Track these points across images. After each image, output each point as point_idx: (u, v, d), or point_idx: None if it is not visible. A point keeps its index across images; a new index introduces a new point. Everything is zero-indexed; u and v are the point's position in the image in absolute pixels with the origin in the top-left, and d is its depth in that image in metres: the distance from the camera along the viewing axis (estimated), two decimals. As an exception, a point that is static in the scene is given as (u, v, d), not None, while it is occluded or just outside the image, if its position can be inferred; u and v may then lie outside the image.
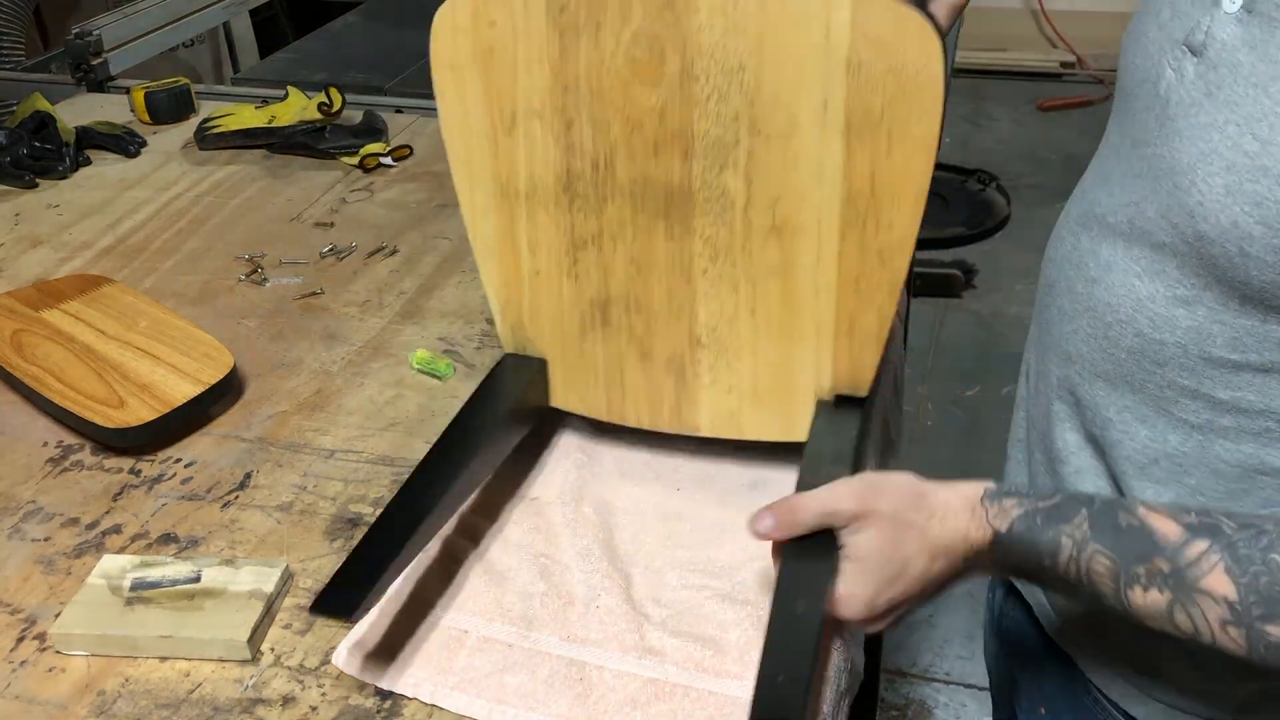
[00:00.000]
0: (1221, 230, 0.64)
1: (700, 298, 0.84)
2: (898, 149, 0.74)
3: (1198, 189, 0.65)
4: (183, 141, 1.56)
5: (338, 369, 1.07)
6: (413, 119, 1.63)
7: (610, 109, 0.79)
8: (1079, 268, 0.78)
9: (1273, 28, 0.62)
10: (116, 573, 0.81)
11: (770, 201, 0.79)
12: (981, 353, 2.86)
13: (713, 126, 0.78)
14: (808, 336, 0.83)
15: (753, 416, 0.88)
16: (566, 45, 0.78)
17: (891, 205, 0.76)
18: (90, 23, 1.83)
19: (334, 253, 1.27)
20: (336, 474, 0.94)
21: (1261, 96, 0.62)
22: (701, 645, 0.76)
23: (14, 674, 0.76)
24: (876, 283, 0.79)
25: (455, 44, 0.81)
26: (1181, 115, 0.67)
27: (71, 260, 1.27)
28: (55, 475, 0.94)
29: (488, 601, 0.80)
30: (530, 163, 0.83)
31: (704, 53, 0.76)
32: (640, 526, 0.87)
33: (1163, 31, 0.72)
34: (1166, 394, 0.72)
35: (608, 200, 0.83)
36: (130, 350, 1.03)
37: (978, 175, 3.64)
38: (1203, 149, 0.65)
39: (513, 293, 0.90)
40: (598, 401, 0.92)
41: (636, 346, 0.88)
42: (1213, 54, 0.66)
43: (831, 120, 0.75)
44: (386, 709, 0.73)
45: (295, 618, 0.80)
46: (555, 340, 0.90)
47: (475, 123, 0.83)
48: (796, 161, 0.77)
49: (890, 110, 0.73)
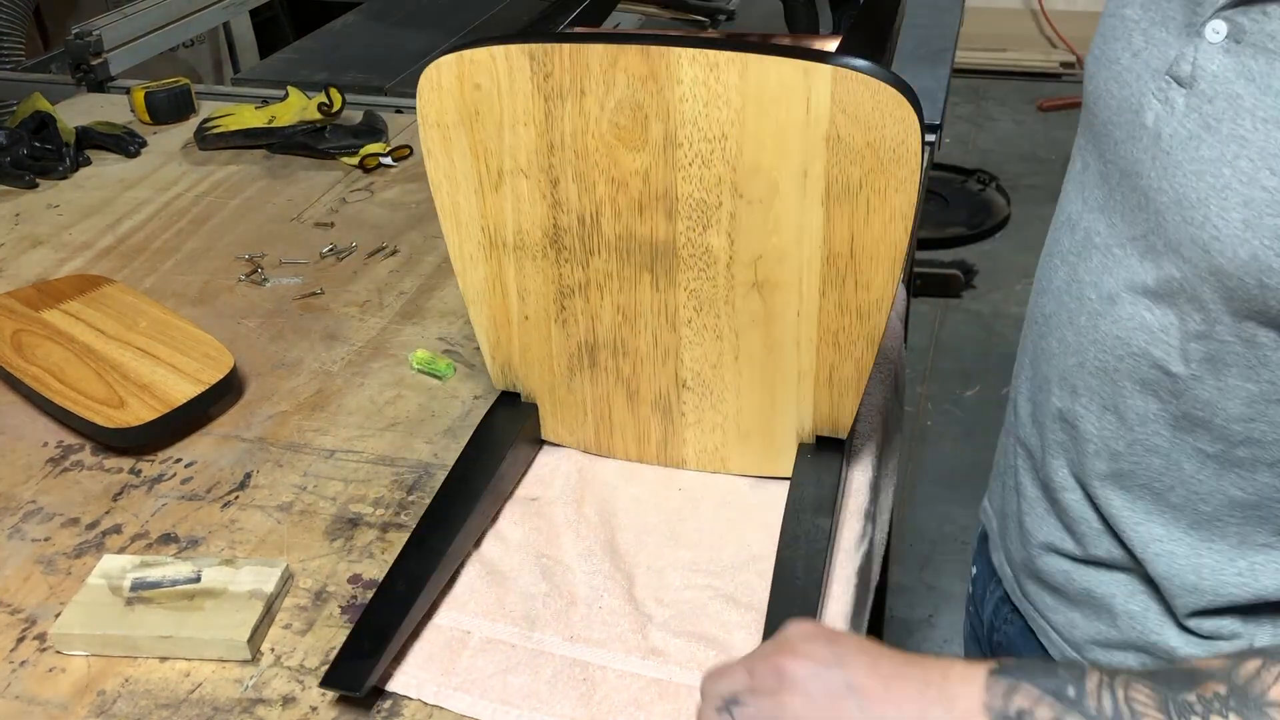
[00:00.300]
0: (1240, 264, 0.64)
1: (685, 344, 0.86)
2: (876, 217, 0.76)
3: (1212, 224, 0.65)
4: (183, 141, 1.56)
5: (338, 369, 1.07)
6: (413, 119, 1.63)
7: (595, 170, 0.80)
8: (1080, 300, 0.78)
9: (1271, 60, 0.62)
10: (116, 573, 0.81)
11: (752, 259, 0.80)
12: (981, 353, 2.86)
13: (695, 189, 0.79)
14: (789, 383, 0.85)
15: (737, 454, 0.91)
16: (551, 109, 0.79)
17: (870, 267, 0.78)
18: (90, 23, 1.83)
19: (334, 253, 1.27)
20: (337, 474, 0.94)
21: (1275, 131, 0.62)
22: (705, 645, 0.76)
23: (14, 674, 0.76)
24: (855, 337, 0.81)
25: (441, 105, 0.81)
26: (1179, 149, 0.67)
27: (71, 260, 1.27)
28: (55, 475, 0.95)
29: (490, 602, 0.80)
30: (517, 217, 0.84)
31: (687, 121, 0.76)
32: (642, 527, 0.87)
33: (1138, 59, 0.71)
34: (1181, 425, 0.72)
35: (594, 254, 0.84)
36: (130, 350, 1.03)
37: (978, 175, 3.64)
38: (1213, 183, 0.65)
39: (502, 335, 0.91)
40: (586, 436, 0.94)
41: (624, 387, 0.90)
42: (1205, 86, 0.66)
43: (811, 188, 0.76)
44: (386, 709, 0.73)
45: (295, 618, 0.80)
46: (544, 380, 0.92)
47: (462, 178, 0.84)
48: (778, 224, 0.78)
49: (869, 181, 0.75)
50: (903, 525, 2.29)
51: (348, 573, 0.84)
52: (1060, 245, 0.82)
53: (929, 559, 2.26)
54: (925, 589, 2.20)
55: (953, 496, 2.36)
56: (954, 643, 2.07)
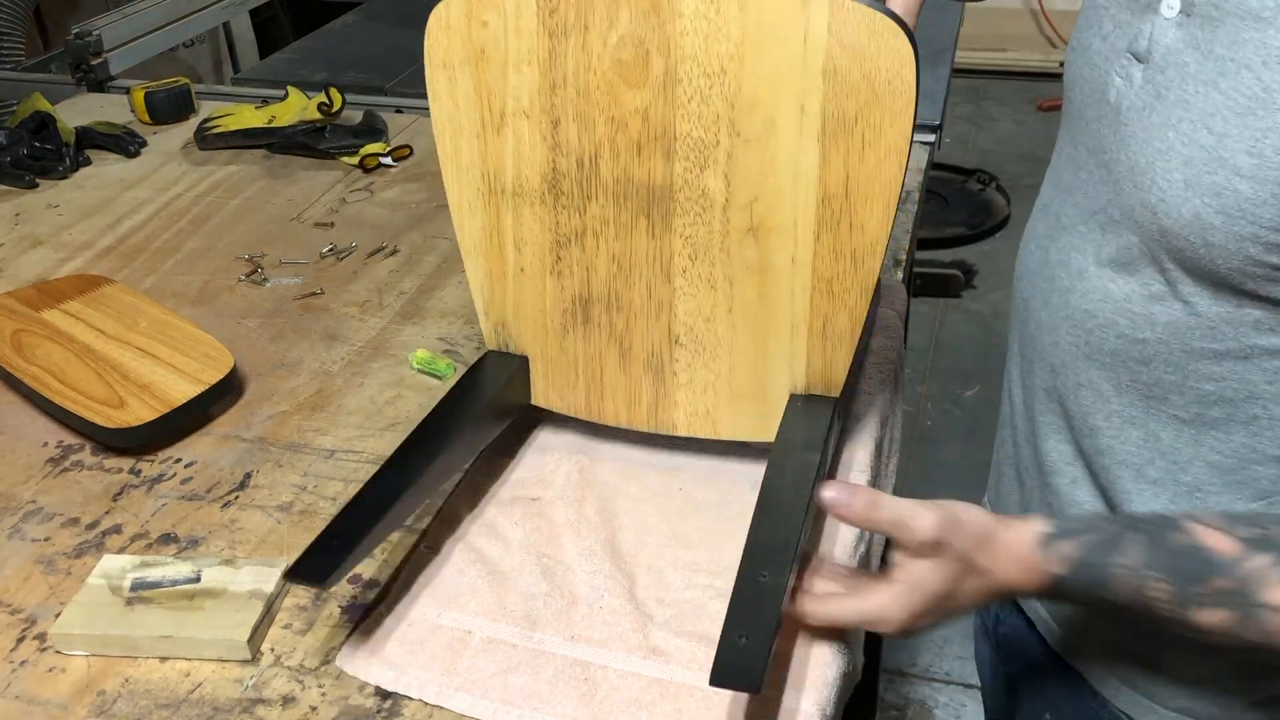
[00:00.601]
0: (1184, 223, 0.66)
1: (679, 296, 0.86)
2: (870, 152, 0.77)
3: (1158, 185, 0.67)
4: (183, 141, 1.56)
5: (338, 369, 1.07)
6: (413, 119, 1.63)
7: (596, 109, 0.82)
8: (1051, 280, 0.80)
9: (1214, 27, 0.64)
10: (116, 573, 0.81)
11: (748, 201, 0.81)
12: (981, 353, 2.86)
13: (694, 128, 0.80)
14: (783, 335, 0.85)
15: (728, 416, 0.90)
16: (555, 46, 0.80)
17: (864, 208, 0.79)
18: (90, 23, 1.83)
19: (334, 253, 1.27)
20: (336, 474, 0.94)
21: (1212, 92, 0.64)
22: (706, 645, 0.76)
23: (14, 674, 0.76)
24: (849, 285, 0.82)
25: (448, 44, 0.83)
26: (1135, 119, 0.69)
27: (71, 260, 1.27)
28: (55, 475, 0.95)
29: (491, 602, 0.80)
30: (517, 161, 0.85)
31: (687, 56, 0.78)
32: (643, 527, 0.87)
33: (1106, 42, 0.74)
34: (1154, 392, 0.73)
35: (591, 198, 0.85)
36: (130, 350, 1.03)
37: (978, 175, 3.64)
38: (1159, 147, 0.67)
39: (497, 290, 0.92)
40: (577, 399, 0.94)
41: (616, 344, 0.90)
42: (1158, 58, 0.68)
43: (808, 124, 0.77)
44: (387, 709, 0.73)
45: (295, 618, 0.80)
46: (537, 338, 0.92)
47: (465, 121, 0.86)
48: (774, 163, 0.79)
49: (864, 115, 0.76)
50: (903, 525, 2.29)
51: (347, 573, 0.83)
52: (1035, 230, 0.84)
53: (929, 559, 2.26)
54: (925, 589, 2.19)
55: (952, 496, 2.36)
56: (954, 642, 2.07)
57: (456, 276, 1.22)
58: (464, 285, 1.20)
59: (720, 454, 0.94)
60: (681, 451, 0.94)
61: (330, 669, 0.76)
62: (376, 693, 0.74)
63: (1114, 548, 0.66)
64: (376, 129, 1.51)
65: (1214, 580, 0.63)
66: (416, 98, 1.71)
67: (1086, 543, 0.67)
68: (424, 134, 1.58)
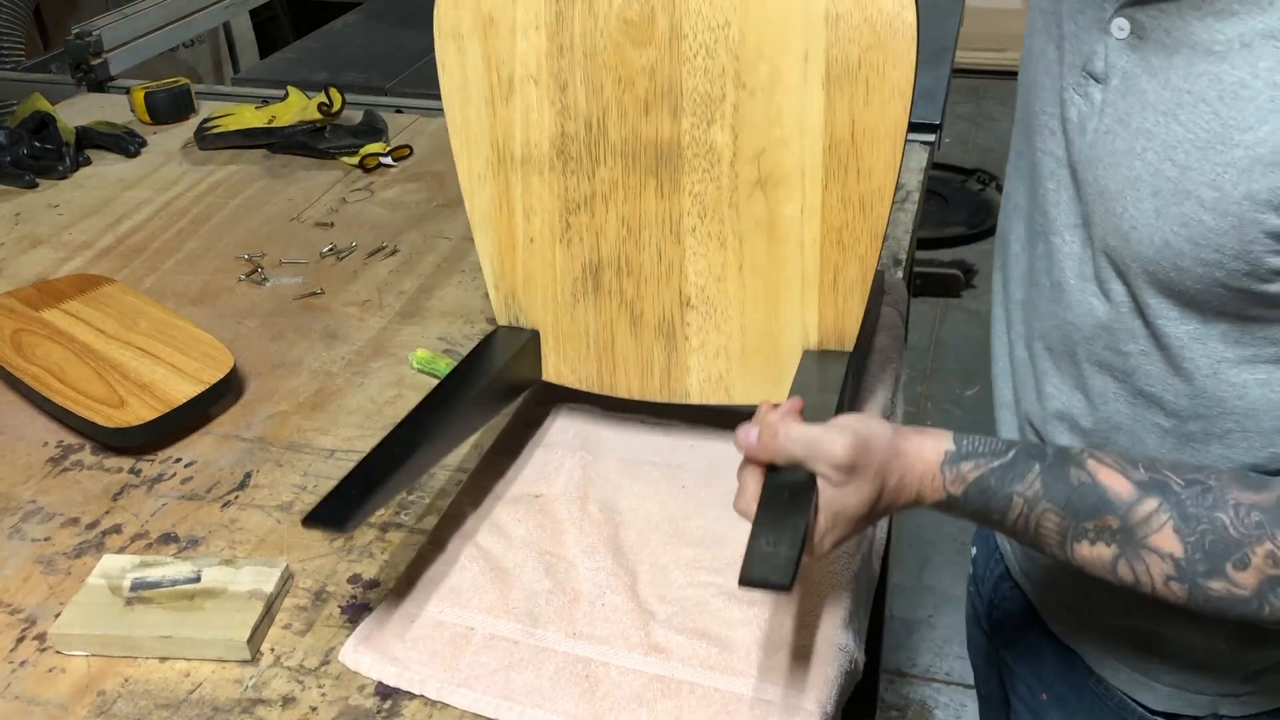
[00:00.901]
0: (1155, 250, 0.67)
1: (689, 256, 0.87)
2: (875, 96, 0.78)
3: (1130, 214, 0.68)
4: (183, 141, 1.56)
5: (338, 369, 1.07)
6: (413, 119, 1.63)
7: (603, 70, 0.83)
8: (1038, 287, 0.81)
9: (1168, 55, 0.65)
10: (116, 573, 0.81)
11: (755, 154, 0.82)
12: (981, 353, 2.85)
13: (700, 82, 0.82)
14: (793, 290, 0.86)
15: (740, 379, 0.90)
16: (562, 10, 0.82)
17: (871, 152, 0.80)
18: (90, 23, 1.83)
19: (334, 253, 1.27)
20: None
21: (1173, 124, 0.65)
22: (707, 642, 0.76)
23: (14, 674, 0.76)
24: (858, 233, 0.82)
25: (457, 13, 0.85)
26: (1100, 143, 0.71)
27: (71, 260, 1.27)
28: (55, 475, 0.94)
29: (494, 599, 0.80)
30: (526, 128, 0.87)
31: (691, 11, 0.80)
32: (645, 524, 0.87)
33: (1059, 50, 0.74)
34: (1136, 401, 0.75)
35: (600, 162, 0.86)
36: (130, 350, 1.03)
37: (978, 175, 3.64)
38: (1128, 175, 0.68)
39: (507, 262, 0.92)
40: (589, 372, 0.94)
41: (627, 311, 0.91)
42: (1117, 82, 0.69)
43: (812, 71, 0.79)
44: (387, 709, 0.73)
45: (295, 618, 0.80)
46: (548, 309, 0.93)
47: (474, 90, 0.87)
48: (780, 113, 0.81)
49: (867, 59, 0.77)
50: (903, 525, 2.29)
51: (347, 573, 0.83)
52: (1017, 232, 0.85)
53: (929, 559, 2.26)
54: (925, 589, 2.19)
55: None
56: (954, 642, 2.07)
57: (456, 276, 1.22)
58: (464, 285, 1.20)
59: (722, 452, 0.93)
60: (684, 450, 0.94)
61: (330, 669, 0.75)
62: (376, 693, 0.74)
63: (1012, 474, 0.67)
64: (376, 129, 1.51)
65: (1105, 518, 0.65)
66: (416, 98, 1.71)
67: (985, 466, 0.67)
68: (424, 134, 1.58)
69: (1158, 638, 0.81)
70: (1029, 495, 0.66)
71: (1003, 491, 0.67)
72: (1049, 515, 0.66)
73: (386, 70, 1.87)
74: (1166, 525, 0.63)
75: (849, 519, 0.68)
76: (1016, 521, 0.67)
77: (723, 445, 0.94)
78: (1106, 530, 0.65)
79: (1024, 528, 0.67)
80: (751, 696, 0.72)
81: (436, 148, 1.53)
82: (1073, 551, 0.67)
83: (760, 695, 0.72)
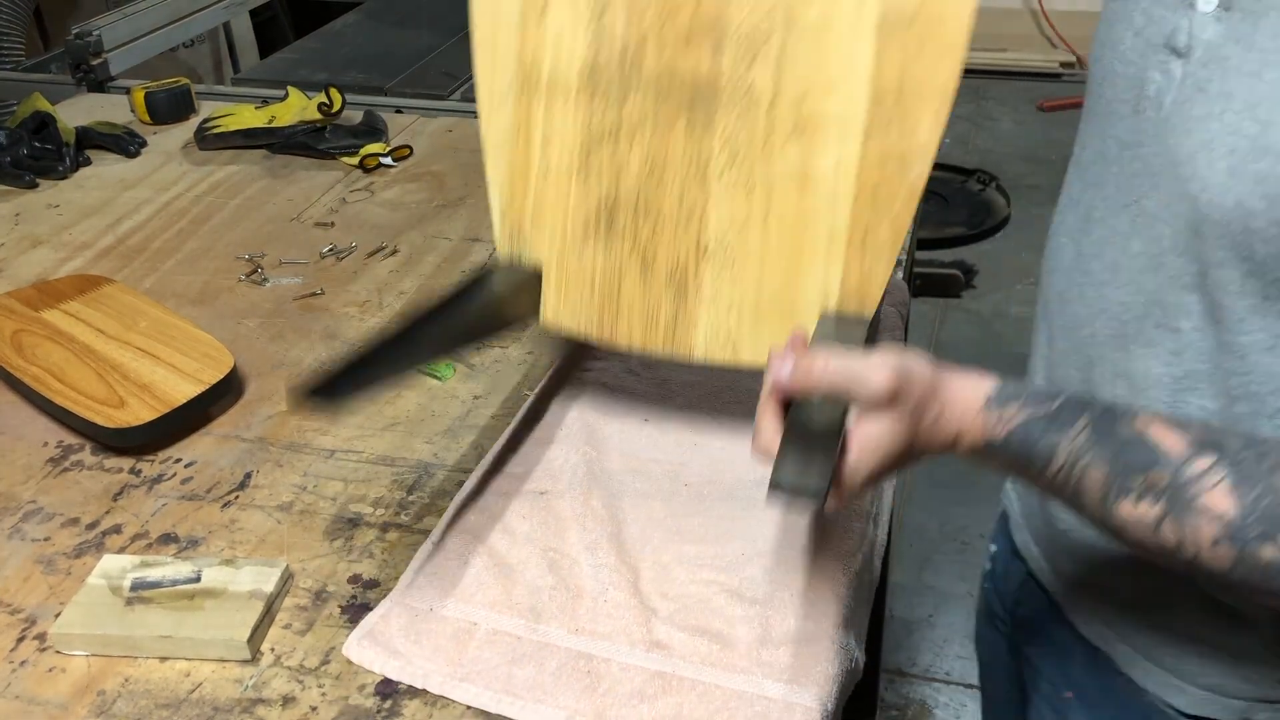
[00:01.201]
0: (1226, 211, 0.66)
1: (713, 202, 0.83)
2: (928, 49, 0.74)
3: (1199, 176, 0.67)
4: (183, 141, 1.56)
5: (338, 369, 1.07)
6: (413, 119, 1.63)
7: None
8: (1087, 274, 0.79)
9: (1255, 20, 0.66)
10: (116, 573, 0.81)
11: (797, 99, 0.78)
12: (981, 353, 2.86)
13: (749, 17, 0.77)
14: (819, 247, 0.81)
15: (750, 338, 0.85)
16: None
17: (917, 107, 0.76)
18: (90, 23, 1.83)
19: (334, 253, 1.27)
20: (336, 474, 0.94)
21: (1257, 83, 0.65)
22: (709, 639, 0.76)
23: (14, 674, 0.76)
24: (895, 191, 0.78)
25: None
26: (1176, 114, 0.70)
27: (71, 260, 1.27)
28: (55, 475, 0.94)
29: (496, 594, 0.80)
30: (556, 50, 0.83)
31: None
32: (648, 521, 0.87)
33: (1140, 37, 0.74)
34: (1184, 384, 0.74)
35: (631, 92, 0.82)
36: (130, 350, 1.03)
37: (978, 175, 3.64)
38: (1202, 138, 0.67)
39: (518, 191, 0.88)
40: (589, 317, 0.89)
41: (639, 256, 0.86)
42: (1199, 54, 0.69)
43: (866, 16, 0.75)
44: (387, 709, 0.73)
45: (295, 618, 0.80)
46: (555, 246, 0.88)
47: (506, 8, 0.83)
48: (827, 57, 0.77)
49: (925, 10, 0.74)
50: (903, 525, 2.29)
51: (348, 573, 0.83)
52: (1065, 224, 0.83)
53: (929, 559, 2.26)
54: (925, 589, 2.19)
55: (953, 496, 2.36)
56: (954, 642, 2.07)
57: (456, 276, 1.22)
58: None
59: (725, 450, 0.94)
60: (687, 448, 0.94)
61: (330, 669, 0.76)
62: (377, 692, 0.74)
63: (1057, 423, 0.65)
64: (376, 129, 1.51)
65: (1153, 473, 0.62)
66: (416, 98, 1.71)
67: (1031, 412, 0.65)
68: (424, 134, 1.58)
69: (1195, 640, 0.80)
70: (1074, 447, 0.64)
71: (1046, 440, 0.64)
72: (1094, 469, 0.63)
73: (386, 70, 1.87)
74: (1222, 484, 0.61)
75: (883, 455, 0.65)
76: (1057, 474, 0.65)
77: (725, 444, 0.94)
78: (1154, 488, 0.62)
79: (1064, 481, 0.65)
80: (752, 693, 0.72)
81: (437, 148, 1.53)
82: (1113, 510, 0.63)
83: (761, 692, 0.72)
